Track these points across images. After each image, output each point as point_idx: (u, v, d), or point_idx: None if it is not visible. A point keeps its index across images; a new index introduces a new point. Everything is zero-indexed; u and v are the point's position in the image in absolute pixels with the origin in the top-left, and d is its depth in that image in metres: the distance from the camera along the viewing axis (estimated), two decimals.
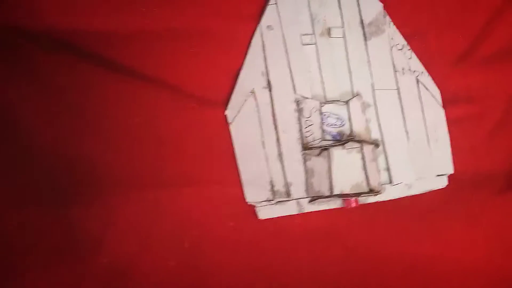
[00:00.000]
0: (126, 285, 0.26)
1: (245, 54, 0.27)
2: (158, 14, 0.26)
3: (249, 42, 0.27)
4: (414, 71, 0.27)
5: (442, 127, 0.27)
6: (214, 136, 0.27)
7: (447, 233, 0.27)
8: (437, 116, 0.27)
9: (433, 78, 0.28)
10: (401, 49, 0.27)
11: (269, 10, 0.27)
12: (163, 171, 0.26)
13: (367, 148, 0.25)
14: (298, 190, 0.26)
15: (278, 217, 0.26)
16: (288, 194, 0.26)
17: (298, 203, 0.26)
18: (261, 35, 0.27)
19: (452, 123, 0.27)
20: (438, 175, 0.27)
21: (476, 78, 0.28)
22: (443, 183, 0.27)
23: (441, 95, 0.28)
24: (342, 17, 0.27)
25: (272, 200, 0.26)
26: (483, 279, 0.27)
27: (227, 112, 0.27)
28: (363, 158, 0.25)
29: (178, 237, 0.26)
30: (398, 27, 0.27)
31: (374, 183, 0.25)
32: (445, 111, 0.28)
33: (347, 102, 0.26)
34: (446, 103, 0.27)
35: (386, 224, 0.27)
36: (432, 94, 0.28)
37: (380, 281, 0.27)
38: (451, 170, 0.27)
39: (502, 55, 0.27)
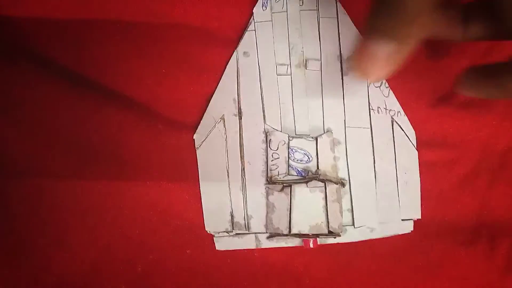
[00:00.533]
0: None
1: (219, 78, 0.26)
2: (131, 31, 0.25)
3: (224, 67, 0.26)
4: (390, 110, 0.27)
5: (414, 170, 0.27)
6: (180, 160, 0.26)
7: (406, 280, 0.26)
8: (410, 159, 0.27)
9: (409, 119, 0.27)
10: (378, 86, 0.26)
11: (247, 36, 0.26)
12: (124, 192, 0.26)
13: (331, 188, 0.24)
14: (257, 224, 0.25)
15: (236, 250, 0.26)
16: (247, 227, 0.25)
17: (256, 238, 0.25)
18: (237, 61, 0.26)
19: (424, 167, 0.27)
20: (404, 220, 0.26)
21: (452, 123, 0.27)
22: (408, 228, 0.26)
23: (416, 137, 0.27)
24: (320, 50, 0.26)
25: (231, 231, 0.25)
26: None
27: (195, 137, 0.26)
28: (325, 198, 0.24)
29: (132, 261, 0.25)
30: None
31: (334, 225, 0.24)
32: (418, 154, 0.27)
33: (316, 138, 0.25)
34: (420, 146, 0.27)
35: (345, 266, 0.26)
36: (407, 135, 0.27)
37: None
38: (418, 215, 0.26)
39: (480, 102, 0.27)
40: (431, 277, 0.26)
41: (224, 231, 0.25)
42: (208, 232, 0.26)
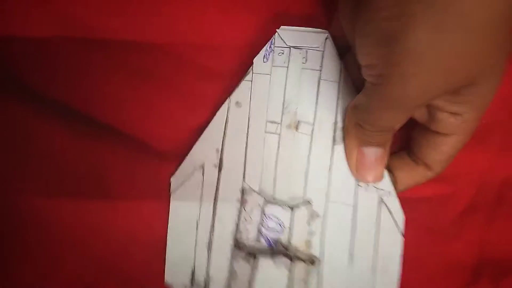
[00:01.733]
0: None
1: (209, 115, 0.25)
2: (123, 63, 0.25)
3: (217, 106, 0.25)
4: (380, 189, 0.25)
5: (396, 258, 0.25)
6: (158, 190, 0.25)
7: None
8: (393, 245, 0.25)
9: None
10: None
11: (243, 86, 0.25)
12: (116, 226, 0.26)
13: (299, 267, 0.23)
14: (216, 287, 0.24)
15: None
16: (206, 287, 0.24)
17: None
18: (228, 110, 0.25)
19: (421, 202, 0.26)
20: None
21: None
22: None
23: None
24: (315, 114, 0.25)
25: (190, 287, 0.24)
26: None
27: (172, 180, 0.25)
28: (290, 277, 0.22)
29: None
30: None
31: None
32: (413, 189, 0.25)
33: (292, 208, 0.24)
34: None
35: None
36: (394, 219, 0.25)
37: None
38: None
39: (476, 134, 0.25)
40: None
41: (182, 286, 0.24)
42: (166, 284, 0.24)
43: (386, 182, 0.25)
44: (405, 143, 0.25)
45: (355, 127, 0.22)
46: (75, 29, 0.24)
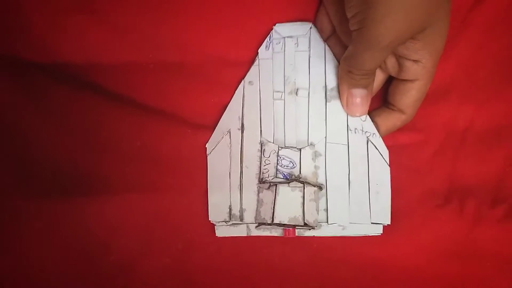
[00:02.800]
0: (128, 282, 0.32)
1: (231, 93, 0.33)
2: (161, 54, 0.33)
3: (235, 87, 0.33)
4: (366, 131, 0.32)
5: (386, 183, 0.31)
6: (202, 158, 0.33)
7: (394, 241, 0.32)
8: (382, 173, 0.32)
9: None
10: None
11: (253, 69, 0.33)
12: (160, 184, 0.33)
13: (309, 189, 0.30)
14: (249, 216, 0.31)
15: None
16: (241, 218, 0.31)
17: (247, 227, 0.31)
18: (243, 88, 0.33)
19: (401, 148, 0.33)
20: (374, 223, 0.31)
21: (419, 111, 0.32)
22: (377, 231, 0.31)
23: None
24: (309, 81, 0.33)
25: (229, 221, 0.31)
26: (425, 282, 0.32)
27: (207, 145, 0.33)
28: (303, 196, 0.30)
29: (173, 239, 0.32)
30: None
31: (309, 219, 0.29)
32: (395, 139, 0.33)
33: (300, 149, 0.31)
34: (396, 131, 0.32)
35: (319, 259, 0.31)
36: (380, 153, 0.32)
37: (332, 283, 0.32)
38: (387, 221, 0.31)
39: (439, 92, 0.32)
40: (414, 235, 0.32)
41: (223, 221, 0.31)
42: (210, 221, 0.32)
43: (370, 126, 0.32)
44: (383, 97, 0.33)
45: (346, 74, 0.29)
46: (125, 35, 0.32)
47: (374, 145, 0.32)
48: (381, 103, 0.33)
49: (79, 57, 0.32)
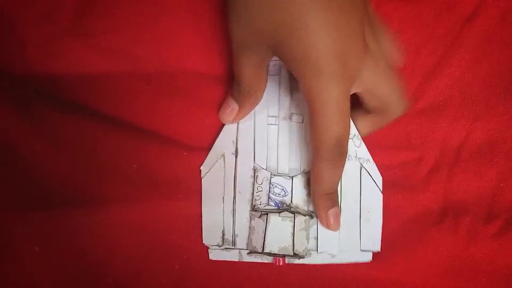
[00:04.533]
0: None
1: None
2: (156, 77, 0.33)
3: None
4: (360, 158, 0.32)
5: (377, 210, 0.32)
6: (187, 181, 0.33)
7: (390, 260, 0.32)
8: (374, 200, 0.32)
9: (380, 130, 0.33)
10: (351, 138, 0.32)
11: None
12: (158, 205, 0.33)
13: (300, 219, 0.30)
14: (241, 242, 0.32)
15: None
16: (233, 243, 0.32)
17: (239, 253, 0.32)
18: None
19: (396, 167, 0.33)
20: (363, 250, 0.31)
21: (414, 129, 0.33)
22: (367, 258, 0.31)
23: (387, 142, 0.33)
24: (304, 107, 0.32)
25: (222, 245, 0.32)
26: None
27: (202, 168, 0.34)
28: (293, 226, 0.30)
29: (170, 260, 0.33)
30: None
31: (299, 249, 0.30)
32: (390, 157, 0.33)
33: (292, 177, 0.31)
34: (391, 149, 0.33)
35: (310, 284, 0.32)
36: (374, 180, 0.32)
37: None
38: (377, 248, 0.31)
39: (433, 109, 0.33)
40: (410, 254, 0.32)
41: (216, 245, 0.32)
42: (204, 244, 0.33)
43: (364, 152, 0.32)
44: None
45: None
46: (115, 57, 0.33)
47: (367, 171, 0.32)
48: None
49: (74, 79, 0.33)
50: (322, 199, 0.29)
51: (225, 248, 0.32)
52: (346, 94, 0.26)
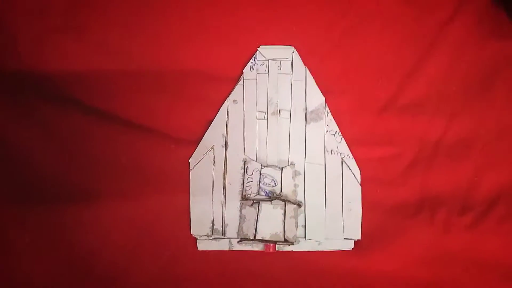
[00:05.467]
0: None
1: (214, 109, 0.34)
2: (146, 71, 0.34)
3: (219, 103, 0.34)
4: (341, 153, 0.35)
5: (357, 201, 0.34)
6: (176, 174, 0.34)
7: (370, 248, 0.34)
8: (354, 192, 0.34)
9: (361, 126, 0.35)
10: (333, 134, 0.35)
11: (237, 88, 0.35)
12: (146, 197, 0.33)
13: (289, 207, 0.32)
14: (231, 231, 0.32)
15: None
16: (223, 233, 0.32)
17: (229, 242, 0.32)
18: (228, 106, 0.35)
19: (376, 161, 0.35)
20: (346, 239, 0.33)
21: (394, 125, 0.34)
22: (349, 245, 0.33)
23: (368, 138, 0.35)
24: (291, 103, 0.35)
25: (211, 236, 0.33)
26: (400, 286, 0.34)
27: (190, 160, 0.34)
28: (284, 214, 0.32)
29: (159, 250, 0.33)
30: (331, 86, 0.34)
31: (289, 235, 0.31)
32: (370, 152, 0.34)
33: (281, 168, 0.33)
34: (372, 145, 0.34)
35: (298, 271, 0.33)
36: (353, 173, 0.35)
37: None
38: (358, 237, 0.34)
39: (413, 107, 0.35)
40: (389, 244, 0.34)
41: (205, 235, 0.33)
42: (192, 235, 0.33)
43: (344, 147, 0.35)
44: None
45: None
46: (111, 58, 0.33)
47: (347, 165, 0.35)
48: None
49: (65, 74, 0.33)
50: None
51: (214, 238, 0.33)
52: None
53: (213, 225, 0.33)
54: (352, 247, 0.33)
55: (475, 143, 0.35)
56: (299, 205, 0.33)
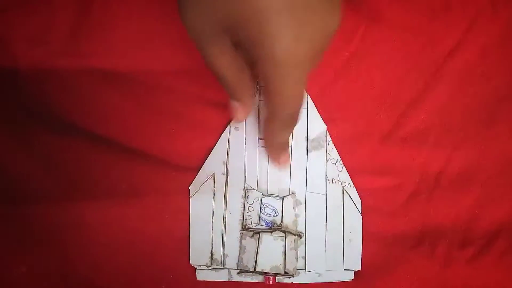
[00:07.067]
0: None
1: (215, 136, 0.34)
2: (146, 97, 0.34)
3: (219, 130, 0.34)
4: (342, 182, 0.34)
5: (358, 231, 0.34)
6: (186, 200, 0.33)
7: (370, 280, 0.33)
8: (355, 222, 0.34)
9: (362, 155, 0.34)
10: (334, 163, 0.35)
11: None
12: (145, 226, 0.33)
13: (290, 238, 0.32)
14: (231, 261, 0.32)
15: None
16: (223, 263, 0.32)
17: (229, 272, 0.32)
18: (229, 133, 0.34)
19: (377, 192, 0.34)
20: (346, 270, 0.33)
21: (396, 155, 0.34)
22: (349, 276, 0.33)
23: (369, 168, 0.34)
24: (292, 131, 0.34)
25: (210, 266, 0.32)
26: None
27: (190, 188, 0.34)
28: (284, 246, 0.31)
29: (157, 281, 0.32)
30: (333, 114, 0.34)
31: (289, 268, 0.31)
32: (371, 182, 0.34)
33: (282, 198, 0.33)
34: (373, 175, 0.34)
35: None
36: (354, 203, 0.34)
37: None
38: (358, 267, 0.33)
39: (415, 137, 0.35)
40: (389, 275, 0.33)
41: (204, 265, 0.32)
42: (191, 264, 0.32)
43: (345, 176, 0.35)
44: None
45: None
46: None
47: (348, 194, 0.34)
48: None
49: (66, 100, 0.33)
50: (274, 147, 0.31)
51: (214, 268, 0.32)
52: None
53: (212, 254, 0.32)
54: (352, 278, 0.33)
55: (477, 175, 0.35)
56: (300, 236, 0.32)
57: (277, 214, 0.33)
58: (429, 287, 0.34)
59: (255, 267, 0.31)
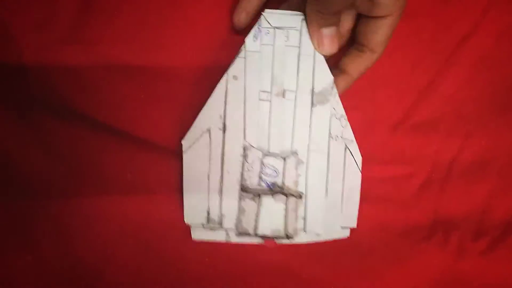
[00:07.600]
0: None
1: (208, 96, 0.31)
2: (151, 85, 0.32)
3: (214, 88, 0.30)
4: (345, 138, 0.33)
5: (356, 188, 0.33)
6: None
7: (380, 273, 0.34)
8: (355, 180, 0.33)
9: (373, 143, 0.33)
10: (338, 118, 0.32)
11: (238, 62, 0.30)
12: (152, 214, 0.32)
13: (291, 200, 0.30)
14: (229, 222, 0.31)
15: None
16: (220, 223, 0.31)
17: (227, 233, 0.31)
18: (226, 82, 0.30)
19: (389, 181, 0.33)
20: (343, 227, 0.33)
21: (407, 143, 0.34)
22: (345, 234, 0.33)
23: (380, 156, 0.33)
24: (297, 83, 0.31)
25: (206, 225, 0.31)
26: None
27: (183, 142, 0.31)
28: (286, 209, 0.30)
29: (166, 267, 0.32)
30: (343, 102, 0.32)
31: (290, 230, 0.30)
32: (383, 171, 0.33)
33: (284, 158, 0.31)
34: (384, 164, 0.33)
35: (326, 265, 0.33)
36: (355, 160, 0.33)
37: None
38: (354, 225, 0.33)
39: (427, 125, 0.34)
40: (400, 268, 0.34)
41: (200, 224, 0.31)
42: (186, 223, 0.31)
43: (349, 132, 0.33)
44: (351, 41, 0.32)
45: (315, 13, 0.27)
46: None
47: (350, 152, 0.33)
48: (349, 46, 0.32)
49: (71, 86, 0.31)
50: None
51: (210, 227, 0.31)
52: None
53: (208, 214, 0.31)
54: (348, 235, 0.33)
55: (491, 164, 0.34)
56: (300, 196, 0.31)
57: (277, 174, 0.31)
58: (441, 279, 0.34)
59: (255, 230, 0.30)
